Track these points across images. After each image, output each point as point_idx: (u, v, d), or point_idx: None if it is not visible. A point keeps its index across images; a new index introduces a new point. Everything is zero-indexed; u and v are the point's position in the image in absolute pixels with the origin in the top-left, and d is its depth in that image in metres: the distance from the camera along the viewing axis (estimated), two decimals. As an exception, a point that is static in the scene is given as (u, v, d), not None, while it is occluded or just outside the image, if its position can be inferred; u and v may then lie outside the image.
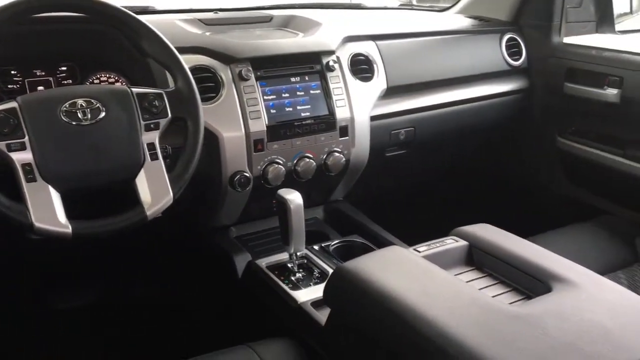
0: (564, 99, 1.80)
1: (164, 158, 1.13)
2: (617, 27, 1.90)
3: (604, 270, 1.43)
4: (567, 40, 1.83)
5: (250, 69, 1.38)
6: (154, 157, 1.09)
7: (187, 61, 1.21)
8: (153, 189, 1.08)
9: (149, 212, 1.07)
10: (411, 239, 1.19)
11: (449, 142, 1.82)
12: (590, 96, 1.72)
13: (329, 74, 1.49)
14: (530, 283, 1.03)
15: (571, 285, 0.99)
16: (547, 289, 0.99)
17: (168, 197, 1.09)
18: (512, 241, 1.15)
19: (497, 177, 2.02)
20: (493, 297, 1.02)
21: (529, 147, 1.95)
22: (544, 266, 1.05)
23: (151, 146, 1.08)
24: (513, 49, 1.86)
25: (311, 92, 1.47)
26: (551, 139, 1.86)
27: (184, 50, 1.30)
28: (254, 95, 1.38)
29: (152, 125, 1.09)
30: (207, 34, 1.48)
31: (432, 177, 1.95)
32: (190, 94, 1.14)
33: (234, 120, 1.35)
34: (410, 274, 1.03)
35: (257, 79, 1.39)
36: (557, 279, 1.00)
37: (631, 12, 2.06)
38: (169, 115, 1.10)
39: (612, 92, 1.66)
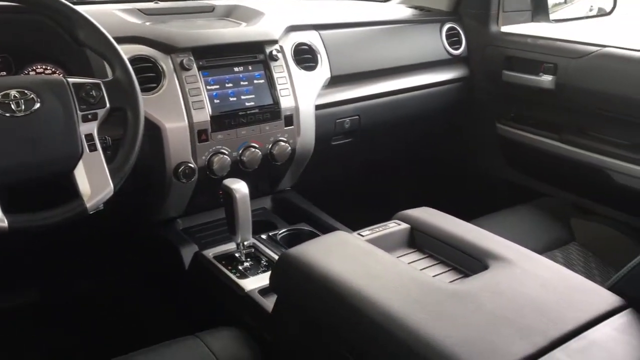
0: (503, 86, 1.86)
1: (104, 149, 1.11)
2: (552, 16, 1.97)
3: (542, 250, 1.49)
4: (505, 29, 1.89)
5: (192, 58, 1.37)
6: (93, 148, 1.07)
7: (126, 51, 1.19)
8: (92, 181, 1.06)
9: (88, 205, 1.05)
10: (358, 225, 1.21)
11: (394, 130, 1.85)
12: (527, 83, 1.78)
13: (272, 64, 1.49)
14: (468, 262, 1.07)
15: (507, 262, 1.03)
16: (484, 267, 1.03)
17: (108, 189, 1.07)
18: (452, 223, 1.18)
19: (441, 163, 2.07)
20: (433, 276, 1.05)
21: (470, 134, 2.01)
22: (481, 246, 1.09)
23: (89, 137, 1.07)
24: (453, 38, 1.90)
25: (255, 81, 1.47)
26: (491, 125, 1.92)
27: (122, 40, 1.28)
28: (196, 85, 1.37)
29: (89, 116, 1.07)
30: (147, 23, 1.45)
31: (378, 164, 1.99)
32: (129, 84, 1.12)
33: (177, 111, 1.34)
34: (353, 257, 1.05)
35: (199, 68, 1.38)
36: (494, 257, 1.04)
37: (565, 1, 2.14)
38: (107, 105, 1.09)
39: (547, 79, 1.72)
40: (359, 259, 1.04)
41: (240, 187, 1.29)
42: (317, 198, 1.69)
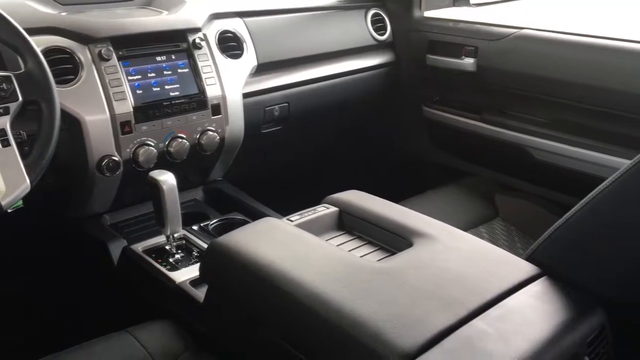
0: (427, 70, 1.90)
1: (20, 145, 1.07)
2: (472, 0, 2.03)
3: (467, 226, 1.55)
4: (427, 14, 1.93)
5: (111, 48, 1.33)
6: (6, 143, 1.02)
7: (39, 42, 1.14)
8: (7, 177, 1.02)
9: (4, 202, 1.01)
10: (291, 212, 1.21)
11: (324, 116, 1.86)
12: (450, 66, 1.83)
13: (196, 52, 1.47)
14: (395, 241, 1.10)
15: (430, 239, 1.06)
16: (409, 245, 1.06)
17: (24, 185, 1.03)
18: (379, 205, 1.21)
19: (371, 147, 2.10)
20: (361, 256, 1.07)
21: (398, 117, 2.05)
22: (406, 224, 1.12)
23: (2, 132, 1.02)
24: (378, 24, 1.93)
25: (179, 71, 1.44)
26: (417, 108, 1.97)
27: (36, 31, 1.24)
28: (116, 75, 1.33)
29: (0, 110, 1.02)
30: (63, 14, 1.40)
31: (310, 150, 2.00)
32: (43, 76, 1.08)
33: (97, 103, 1.30)
34: (281, 242, 1.05)
35: (119, 59, 1.35)
36: (418, 235, 1.08)
37: (484, -14, 2.20)
38: (20, 98, 1.04)
39: (469, 62, 1.78)
40: (287, 244, 1.05)
41: (167, 179, 1.27)
42: (250, 187, 1.68)
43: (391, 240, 1.11)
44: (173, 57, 1.44)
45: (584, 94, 1.52)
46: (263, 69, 1.64)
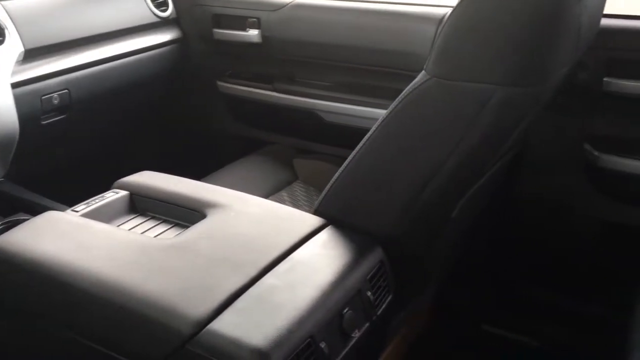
0: (215, 44, 1.90)
1: None
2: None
3: (269, 193, 1.59)
4: (209, -13, 1.91)
5: None
6: None
7: None
8: None
9: None
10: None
11: (113, 100, 1.77)
12: (237, 39, 1.84)
13: (-55, 42, 1.31)
14: (189, 216, 1.10)
15: (222, 207, 1.08)
16: (203, 217, 1.07)
17: None
18: (172, 182, 1.19)
19: (170, 128, 2.06)
20: (155, 236, 1.06)
21: (194, 95, 2.03)
22: (199, 198, 1.12)
23: None
24: (159, 0, 1.87)
25: None
26: (212, 84, 1.96)
27: None
28: None
29: None
30: None
31: (102, 137, 1.90)
32: None
33: None
34: (64, 235, 1.00)
35: None
36: (210, 206, 1.09)
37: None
38: None
39: (253, 33, 1.81)
40: (70, 236, 0.99)
41: None
42: (40, 183, 1.55)
43: (185, 215, 1.11)
44: None
45: (355, 55, 1.63)
46: (34, 54, 1.51)
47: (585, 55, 1.33)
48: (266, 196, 1.56)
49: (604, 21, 1.35)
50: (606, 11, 1.22)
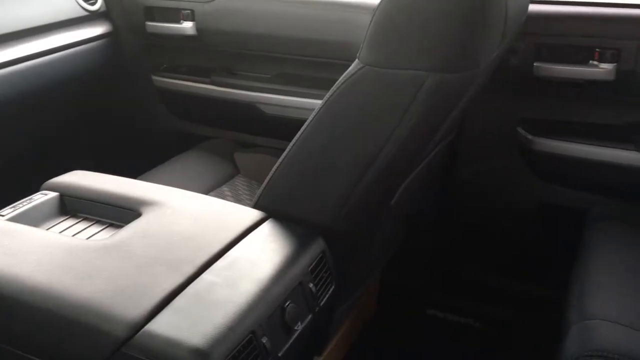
0: (149, 37, 1.84)
1: None
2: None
3: (210, 188, 1.56)
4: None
5: None
6: None
7: None
8: None
9: None
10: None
11: (43, 98, 1.70)
12: (171, 32, 1.79)
13: None
14: (123, 215, 1.06)
15: (158, 205, 1.05)
16: (138, 215, 1.03)
17: None
18: (105, 181, 1.15)
19: (105, 125, 1.99)
20: (87, 238, 1.02)
21: (129, 90, 1.96)
22: (133, 196, 1.09)
23: None
24: (87, -7, 1.80)
25: None
26: (147, 78, 1.91)
27: None
28: None
29: None
30: None
31: (34, 138, 1.81)
32: None
33: None
34: (-12, 241, 0.94)
35: None
36: (146, 203, 1.06)
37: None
38: None
39: (188, 25, 1.76)
40: (-5, 242, 0.94)
41: None
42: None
43: (119, 215, 1.07)
44: None
45: (292, 46, 1.62)
46: (-49, 53, 1.43)
47: (516, 40, 1.37)
48: (207, 192, 1.53)
49: (533, 7, 1.40)
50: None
